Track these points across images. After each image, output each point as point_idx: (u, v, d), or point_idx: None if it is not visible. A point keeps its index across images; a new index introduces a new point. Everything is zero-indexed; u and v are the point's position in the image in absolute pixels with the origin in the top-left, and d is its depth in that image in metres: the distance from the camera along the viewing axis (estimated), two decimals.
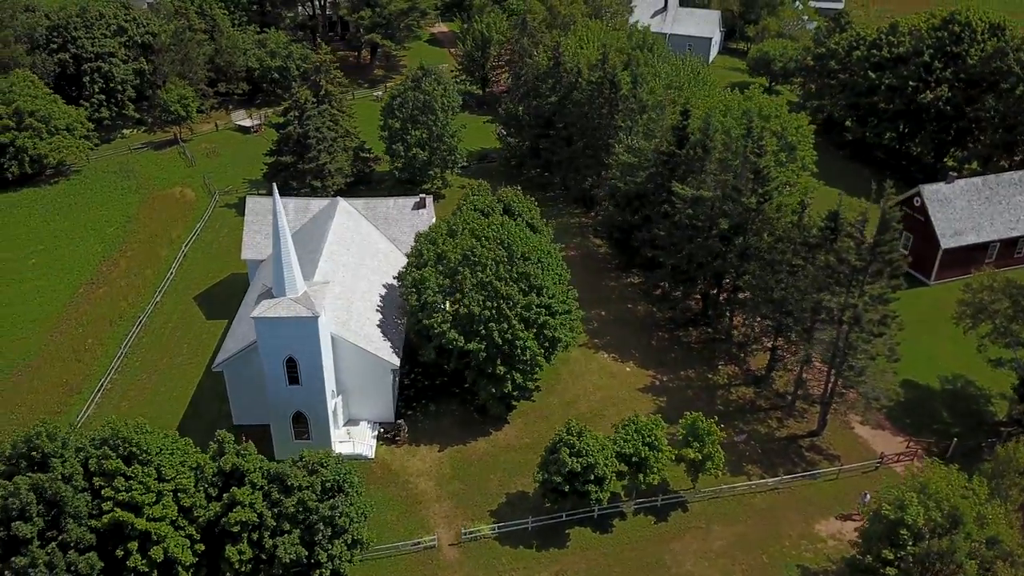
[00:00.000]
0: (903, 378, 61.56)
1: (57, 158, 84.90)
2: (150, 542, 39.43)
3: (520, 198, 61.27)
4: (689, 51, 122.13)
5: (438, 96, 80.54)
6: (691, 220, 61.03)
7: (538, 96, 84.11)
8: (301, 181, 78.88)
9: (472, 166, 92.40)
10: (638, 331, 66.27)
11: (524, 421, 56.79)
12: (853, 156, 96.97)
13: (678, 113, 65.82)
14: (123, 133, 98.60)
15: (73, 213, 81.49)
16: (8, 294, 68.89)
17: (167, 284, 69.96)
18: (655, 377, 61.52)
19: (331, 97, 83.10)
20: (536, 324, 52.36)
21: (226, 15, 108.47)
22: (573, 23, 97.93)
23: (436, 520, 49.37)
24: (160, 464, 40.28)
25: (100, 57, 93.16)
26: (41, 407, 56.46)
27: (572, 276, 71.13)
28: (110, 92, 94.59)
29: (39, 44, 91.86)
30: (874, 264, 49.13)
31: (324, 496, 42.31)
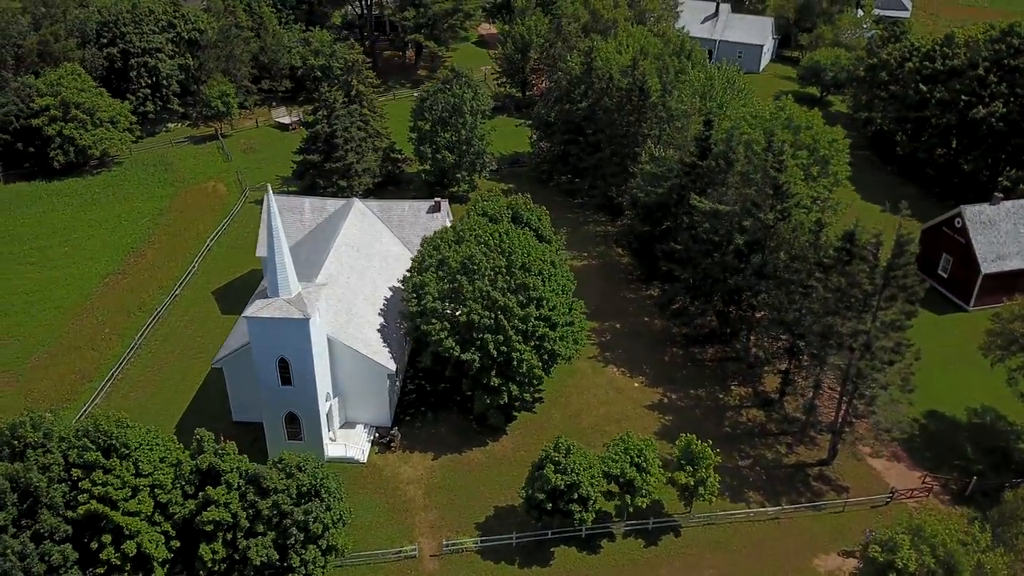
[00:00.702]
0: (927, 408, 58.78)
1: (100, 149, 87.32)
2: (124, 536, 39.86)
3: (530, 206, 60.28)
4: (738, 59, 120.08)
5: (467, 99, 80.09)
6: (707, 235, 59.19)
7: (569, 101, 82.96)
8: (328, 180, 79.33)
9: (503, 170, 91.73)
10: (652, 346, 64.60)
11: (523, 433, 55.82)
12: (901, 172, 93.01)
13: (701, 123, 63.91)
14: (167, 127, 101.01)
15: (110, 204, 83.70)
16: (38, 280, 71.01)
17: (188, 277, 71.16)
18: (664, 395, 59.83)
19: (362, 97, 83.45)
20: (534, 336, 51.33)
21: (273, 13, 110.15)
22: (614, 27, 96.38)
23: (421, 529, 48.81)
24: (138, 459, 40.69)
25: (147, 52, 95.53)
26: (53, 393, 57.93)
27: (590, 286, 70.78)
28: (156, 87, 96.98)
29: (90, 39, 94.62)
30: (888, 289, 46.67)
31: (300, 500, 42.19)
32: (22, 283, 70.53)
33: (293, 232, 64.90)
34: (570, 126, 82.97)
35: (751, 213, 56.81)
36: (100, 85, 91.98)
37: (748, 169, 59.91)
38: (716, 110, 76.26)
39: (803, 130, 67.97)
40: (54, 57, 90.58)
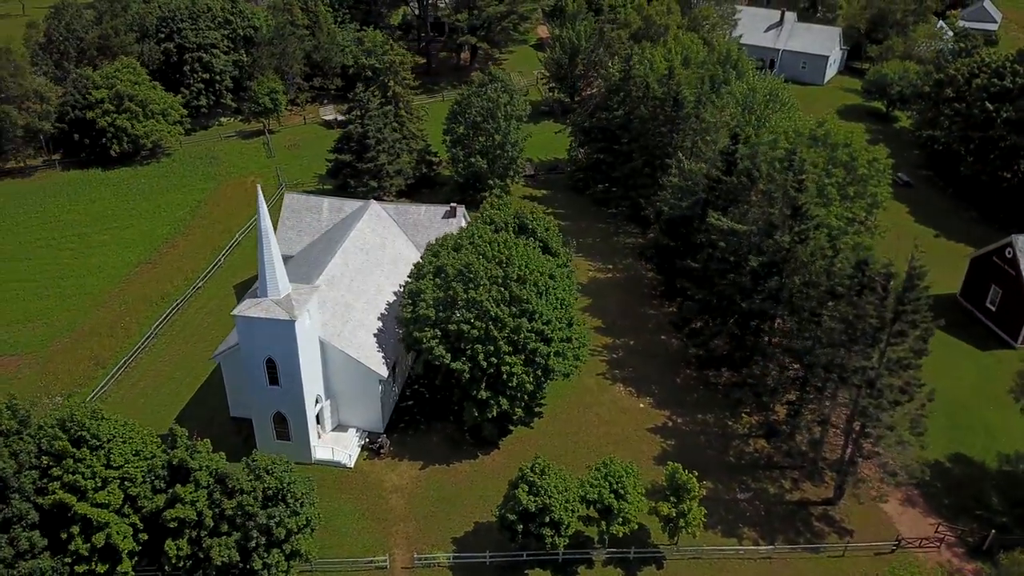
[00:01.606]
0: (953, 451, 55.10)
1: (151, 140, 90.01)
2: (92, 527, 40.47)
3: (538, 216, 58.90)
4: (802, 69, 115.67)
5: (502, 104, 79.20)
6: (723, 254, 56.75)
7: (606, 109, 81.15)
8: (359, 180, 79.73)
9: (540, 176, 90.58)
10: (665, 366, 62.39)
11: (516, 448, 54.54)
12: (962, 194, 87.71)
13: (727, 137, 61.38)
14: (220, 121, 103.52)
15: (153, 194, 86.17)
16: (74, 266, 73.55)
17: (213, 270, 72.50)
18: (670, 418, 57.65)
19: (398, 98, 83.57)
20: (525, 350, 50.05)
21: (329, 12, 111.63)
22: (664, 34, 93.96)
23: (397, 540, 48.18)
24: (110, 451, 41.26)
25: (202, 48, 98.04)
26: (68, 377, 59.75)
27: (611, 299, 69.04)
28: (209, 82, 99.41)
29: (149, 34, 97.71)
30: (898, 324, 43.55)
31: (267, 503, 42.07)
32: (59, 268, 73.15)
33: (310, 231, 65.38)
34: (606, 134, 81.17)
35: (769, 234, 54.16)
36: (155, 79, 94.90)
37: (771, 187, 57.13)
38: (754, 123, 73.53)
39: (840, 147, 64.56)
40: (113, 51, 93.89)
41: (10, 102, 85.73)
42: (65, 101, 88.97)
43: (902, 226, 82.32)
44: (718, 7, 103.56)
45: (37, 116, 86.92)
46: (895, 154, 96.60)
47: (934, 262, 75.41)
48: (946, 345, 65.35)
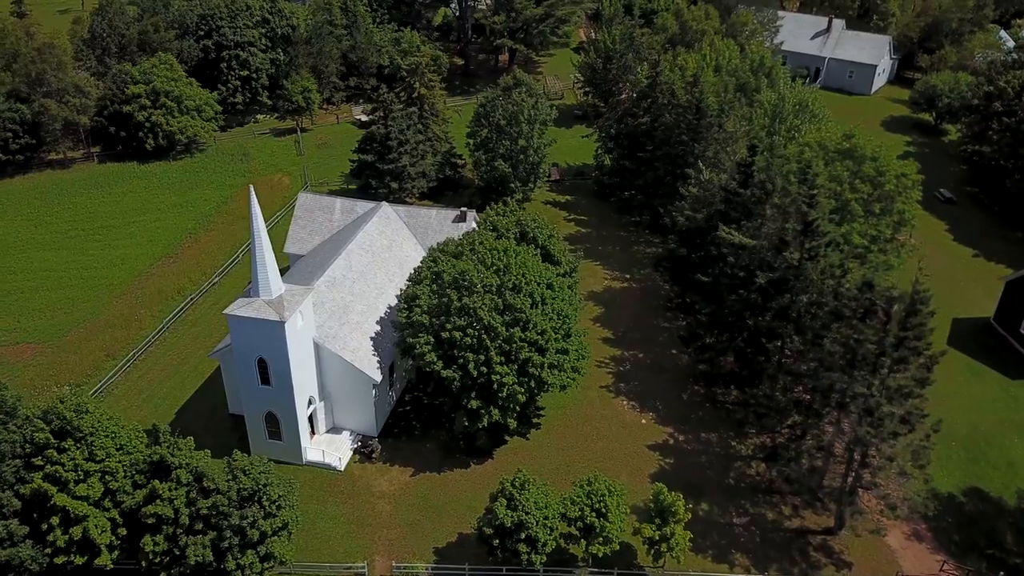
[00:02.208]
0: (970, 484, 52.41)
1: (185, 136, 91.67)
2: (71, 520, 40.98)
3: (540, 224, 57.88)
4: (849, 78, 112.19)
5: (526, 108, 78.39)
6: (732, 269, 54.96)
7: (632, 115, 79.71)
8: (380, 181, 79.81)
9: (566, 181, 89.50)
10: (672, 381, 60.78)
11: (509, 459, 53.65)
12: (1007, 213, 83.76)
13: (745, 148, 59.51)
14: (256, 118, 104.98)
15: (183, 189, 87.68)
16: (98, 258, 75.18)
17: (231, 266, 73.31)
18: (671, 435, 56.09)
19: (424, 99, 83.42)
20: (518, 360, 49.15)
21: (368, 12, 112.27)
22: (700, 39, 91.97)
23: (379, 546, 47.77)
24: (92, 444, 41.73)
25: (240, 46, 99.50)
26: (78, 368, 60.95)
27: (625, 310, 67.69)
28: (246, 79, 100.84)
29: (189, 31, 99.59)
30: (900, 350, 41.40)
31: (242, 504, 42.06)
32: (83, 259, 74.85)
33: (322, 231, 65.54)
34: (632, 140, 79.67)
35: (779, 250, 52.24)
36: (193, 76, 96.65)
37: (785, 202, 55.18)
38: (783, 134, 71.37)
39: (867, 161, 62.06)
40: (152, 47, 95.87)
41: (51, 96, 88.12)
42: (104, 95, 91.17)
43: (939, 245, 79.08)
44: (758, 13, 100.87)
45: (76, 110, 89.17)
46: (940, 169, 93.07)
47: (970, 283, 72.98)
48: (973, 372, 62.47)
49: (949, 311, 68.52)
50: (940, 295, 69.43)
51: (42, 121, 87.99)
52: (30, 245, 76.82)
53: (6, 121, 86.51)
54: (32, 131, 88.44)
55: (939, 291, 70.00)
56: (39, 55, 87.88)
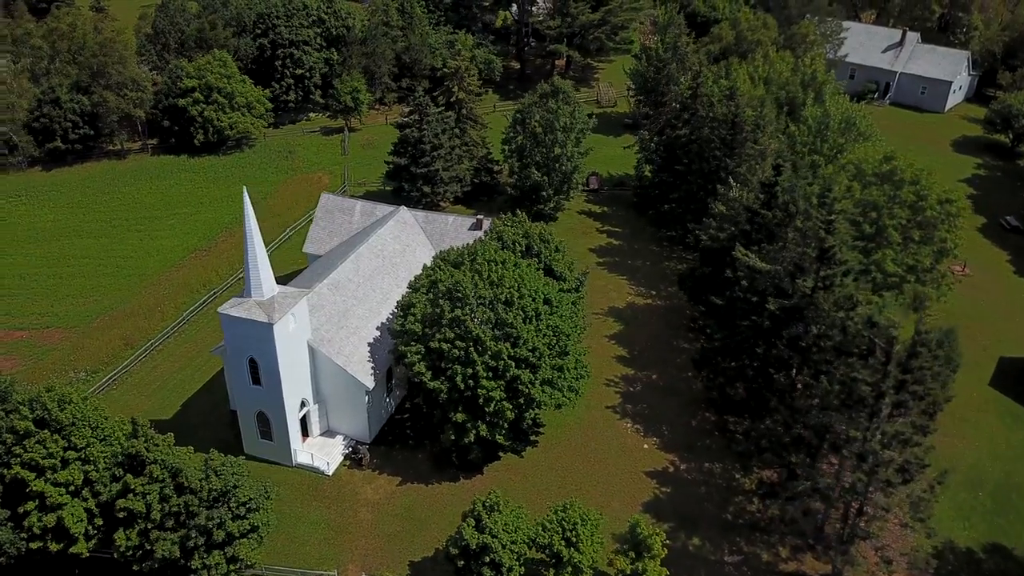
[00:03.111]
0: (991, 539, 48.55)
1: (233, 132, 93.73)
2: (47, 508, 41.87)
3: (545, 237, 56.35)
4: (921, 95, 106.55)
5: (562, 116, 76.93)
6: (745, 293, 52.37)
7: (672, 126, 77.32)
8: (413, 184, 79.63)
9: (604, 191, 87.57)
10: (682, 406, 58.43)
11: (500, 476, 52.48)
12: None
13: (770, 167, 56.70)
14: (308, 117, 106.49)
15: (227, 183, 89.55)
16: (136, 247, 77.41)
17: None
18: (673, 463, 53.86)
19: (461, 104, 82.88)
20: (506, 376, 47.90)
21: (425, 14, 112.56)
22: (754, 50, 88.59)
23: (353, 555, 47.31)
24: (71, 434, 42.54)
25: (294, 44, 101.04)
26: (98, 354, 62.70)
27: (645, 328, 65.66)
28: (299, 78, 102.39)
29: (246, 28, 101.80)
30: (902, 394, 38.41)
31: (212, 504, 42.19)
32: (122, 249, 77.20)
33: (340, 233, 65.68)
34: (670, 152, 77.30)
35: (794, 276, 49.45)
36: (248, 73, 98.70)
37: (806, 225, 52.23)
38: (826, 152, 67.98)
39: (906, 185, 58.30)
40: (209, 44, 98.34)
41: (111, 88, 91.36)
42: (160, 90, 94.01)
43: (998, 276, 74.01)
44: (820, 24, 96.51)
45: (133, 103, 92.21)
46: (1010, 194, 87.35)
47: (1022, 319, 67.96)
48: (1014, 416, 58.12)
49: (997, 349, 63.98)
50: (989, 331, 65.48)
51: (100, 113, 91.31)
52: (75, 232, 79.71)
53: (67, 112, 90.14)
54: (91, 122, 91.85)
55: (989, 327, 65.99)
56: (100, 49, 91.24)
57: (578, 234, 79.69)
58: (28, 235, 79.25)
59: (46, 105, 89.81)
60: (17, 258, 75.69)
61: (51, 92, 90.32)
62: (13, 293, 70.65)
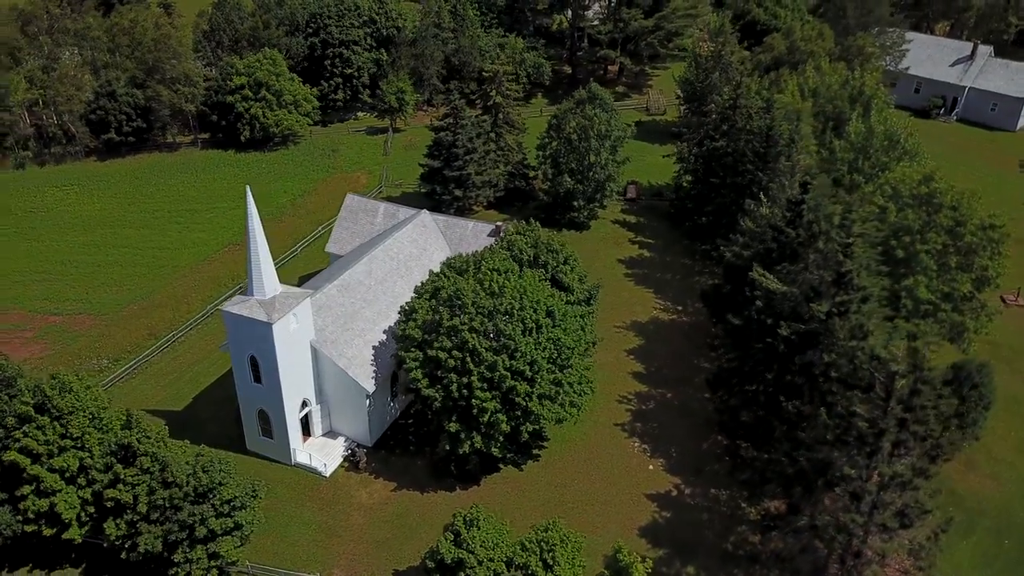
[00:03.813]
0: None
1: (279, 129, 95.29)
2: (41, 492, 42.93)
3: (555, 247, 55.13)
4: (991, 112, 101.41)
5: (596, 123, 75.62)
6: (759, 315, 50.29)
7: (710, 137, 75.18)
8: (444, 188, 79.49)
9: (642, 200, 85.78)
10: (694, 427, 56.54)
11: (497, 489, 51.65)
12: None
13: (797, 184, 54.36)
14: (357, 116, 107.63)
15: (269, 179, 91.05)
16: (174, 239, 79.27)
17: (287, 259, 75.21)
18: (678, 486, 52.10)
19: (499, 108, 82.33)
20: (502, 388, 47.03)
21: (477, 16, 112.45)
22: (805, 61, 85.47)
23: (340, 559, 47.15)
24: (68, 422, 43.50)
25: (344, 44, 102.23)
26: (122, 343, 64.35)
27: (667, 345, 64.00)
28: (347, 77, 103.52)
29: (299, 28, 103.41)
30: (903, 432, 36.09)
31: (198, 500, 42.57)
32: (162, 240, 79.18)
33: (362, 234, 65.87)
34: (707, 164, 75.17)
35: (810, 300, 47.23)
36: (298, 71, 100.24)
37: (829, 247, 49.86)
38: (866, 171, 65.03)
39: (944, 209, 55.15)
40: (262, 42, 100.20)
41: (164, 83, 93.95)
42: (210, 86, 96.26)
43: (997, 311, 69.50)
44: (879, 36, 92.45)
45: (184, 98, 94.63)
46: None
47: None
48: None
49: None
50: None
51: (152, 107, 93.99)
52: (119, 221, 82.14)
53: (122, 104, 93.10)
54: (144, 115, 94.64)
55: None
56: (156, 45, 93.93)
57: (609, 244, 78.22)
58: (75, 223, 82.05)
59: (102, 98, 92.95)
60: (61, 244, 78.42)
61: (108, 85, 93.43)
62: (53, 278, 73.16)
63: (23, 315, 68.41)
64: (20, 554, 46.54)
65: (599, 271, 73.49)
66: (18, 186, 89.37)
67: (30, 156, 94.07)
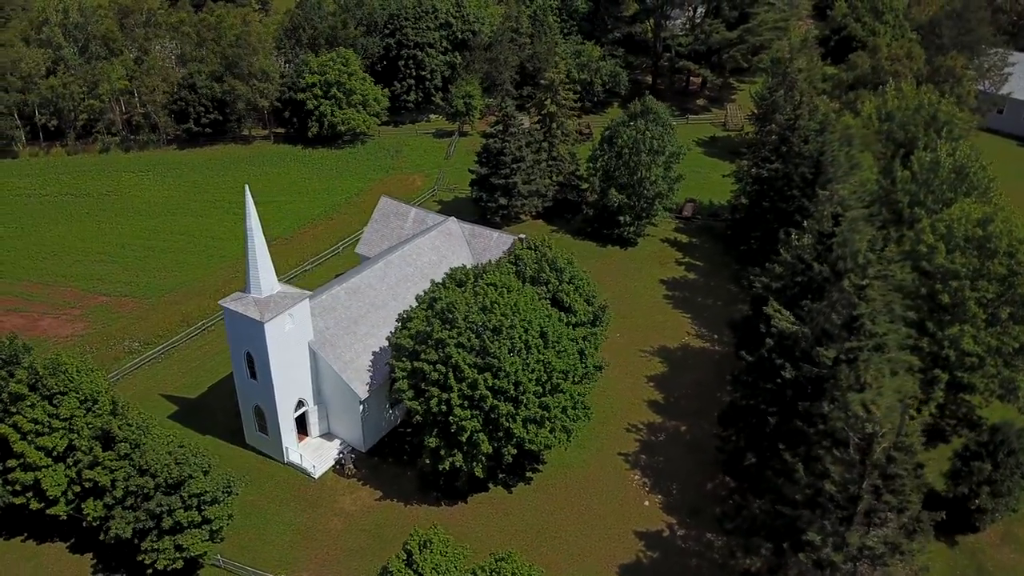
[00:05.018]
0: None
1: (345, 128, 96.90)
2: (27, 467, 44.68)
3: (561, 263, 53.00)
4: None
5: (648, 138, 72.95)
6: (770, 353, 46.93)
7: (767, 160, 71.21)
8: (490, 195, 78.66)
9: (698, 219, 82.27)
10: (703, 465, 53.46)
11: (483, 509, 50.32)
12: None
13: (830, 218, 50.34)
14: (429, 118, 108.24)
15: (331, 176, 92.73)
16: (227, 230, 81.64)
17: (328, 256, 76.17)
18: (671, 526, 49.32)
19: (553, 117, 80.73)
20: (483, 408, 45.66)
21: (558, 22, 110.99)
22: (887, 82, 79.75)
23: (310, 564, 46.96)
24: (59, 403, 45.08)
25: (419, 46, 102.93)
26: (155, 327, 66.63)
27: (692, 374, 61.81)
28: (420, 79, 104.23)
29: (376, 28, 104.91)
30: (882, 498, 32.55)
31: (169, 490, 43.25)
32: (215, 229, 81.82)
33: (391, 238, 65.75)
34: (760, 186, 71.25)
35: (820, 343, 43.68)
36: (371, 71, 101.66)
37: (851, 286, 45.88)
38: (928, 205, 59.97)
39: (999, 255, 49.92)
40: (339, 41, 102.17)
41: (241, 78, 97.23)
42: (285, 82, 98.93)
43: None
44: (977, 58, 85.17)
45: (259, 93, 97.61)
46: None
47: None
48: None
49: None
50: None
51: (228, 100, 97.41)
52: (180, 209, 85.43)
53: (201, 97, 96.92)
54: (220, 108, 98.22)
55: None
56: (236, 40, 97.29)
57: (654, 263, 75.34)
58: (140, 208, 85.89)
59: (183, 89, 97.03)
60: (124, 228, 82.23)
61: (189, 78, 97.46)
62: (110, 260, 76.75)
63: (75, 293, 72.02)
64: (16, 524, 48.64)
65: (636, 291, 71.00)
66: (100, 170, 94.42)
67: (117, 142, 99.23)
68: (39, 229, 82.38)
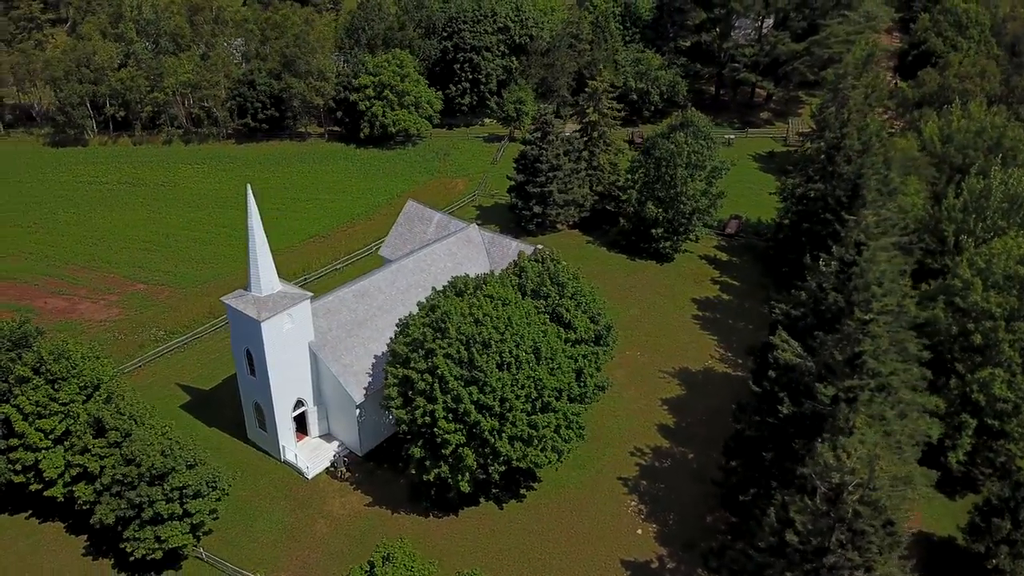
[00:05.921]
0: None
1: (395, 129, 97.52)
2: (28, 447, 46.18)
3: (563, 278, 51.41)
4: None
5: (686, 151, 70.60)
6: (772, 385, 44.44)
7: (810, 178, 67.91)
8: (525, 203, 77.72)
9: (741, 236, 79.22)
10: (705, 496, 51.03)
11: (470, 524, 49.35)
12: None
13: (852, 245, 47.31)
14: (483, 121, 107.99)
15: (378, 176, 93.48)
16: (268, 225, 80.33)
17: (359, 257, 76.59)
18: (660, 559, 47.30)
19: (595, 126, 79.10)
20: (466, 422, 44.72)
21: (620, 30, 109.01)
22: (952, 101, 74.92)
23: (290, 564, 46.96)
24: (60, 387, 46.42)
25: (475, 50, 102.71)
26: (182, 318, 68.30)
27: (711, 399, 59.11)
28: (475, 82, 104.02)
29: (434, 30, 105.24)
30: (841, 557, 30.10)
31: (152, 482, 43.94)
32: None
33: (413, 241, 65.37)
34: (804, 206, 67.94)
35: (822, 380, 41.06)
36: (427, 73, 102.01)
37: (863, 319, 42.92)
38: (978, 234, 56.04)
39: None
40: (396, 43, 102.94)
41: (298, 76, 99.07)
42: (340, 81, 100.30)
43: None
44: None
45: (314, 91, 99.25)
46: None
47: None
48: None
49: None
50: None
51: (285, 97, 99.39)
52: (228, 202, 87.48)
53: (259, 93, 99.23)
54: (276, 105, 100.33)
55: None
56: (294, 40, 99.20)
57: (688, 280, 72.84)
58: (191, 199, 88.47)
59: (242, 86, 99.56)
60: (172, 218, 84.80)
61: (249, 75, 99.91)
62: (153, 248, 79.24)
63: (116, 279, 74.59)
64: (21, 502, 50.37)
65: (665, 309, 68.78)
66: (160, 161, 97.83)
67: (180, 134, 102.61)
68: (94, 215, 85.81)
